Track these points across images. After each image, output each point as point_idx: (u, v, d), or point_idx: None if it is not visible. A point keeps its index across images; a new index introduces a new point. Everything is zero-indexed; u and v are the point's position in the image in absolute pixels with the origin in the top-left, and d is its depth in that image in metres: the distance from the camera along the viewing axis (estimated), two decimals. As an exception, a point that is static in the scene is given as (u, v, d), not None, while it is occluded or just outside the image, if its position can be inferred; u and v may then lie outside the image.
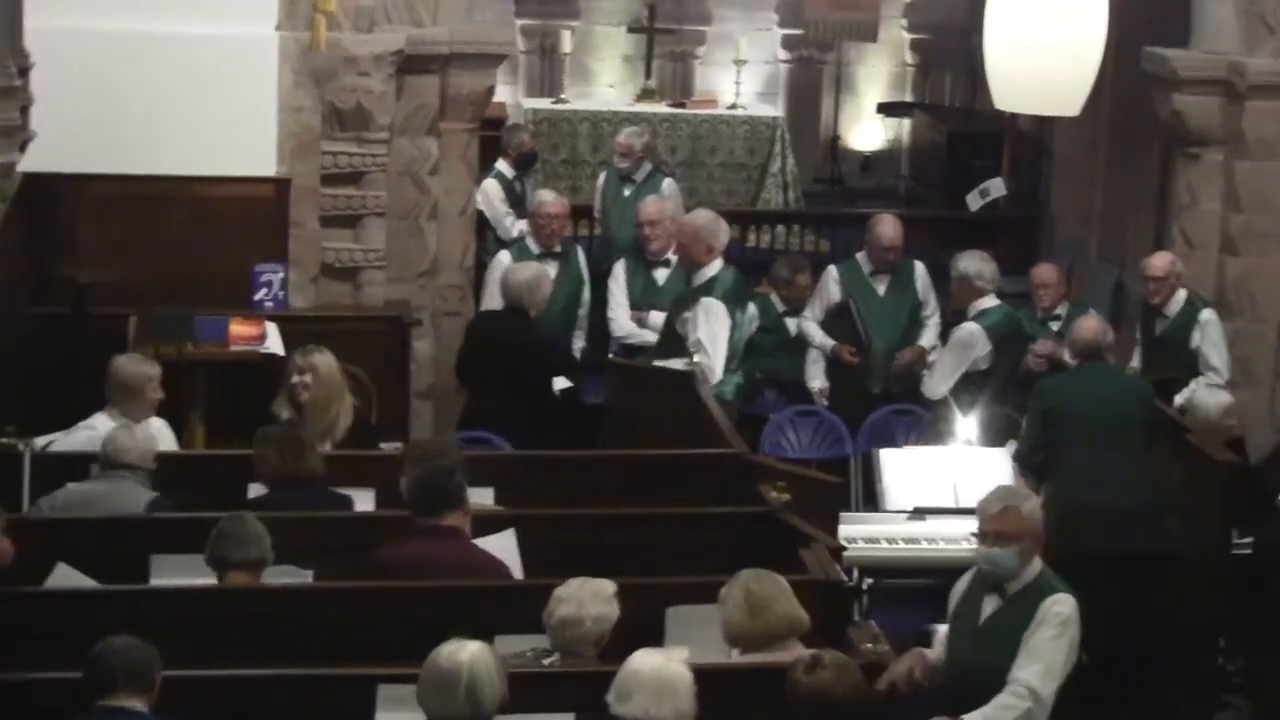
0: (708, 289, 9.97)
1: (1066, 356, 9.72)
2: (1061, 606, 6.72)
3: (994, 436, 9.84)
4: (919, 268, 10.88)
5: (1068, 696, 6.79)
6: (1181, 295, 10.47)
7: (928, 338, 10.87)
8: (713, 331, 9.84)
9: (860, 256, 11.06)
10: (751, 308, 10.43)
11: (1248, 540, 8.81)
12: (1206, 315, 10.39)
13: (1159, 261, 10.57)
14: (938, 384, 10.19)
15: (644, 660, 5.88)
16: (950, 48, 16.66)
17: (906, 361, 10.72)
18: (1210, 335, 10.35)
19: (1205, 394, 9.73)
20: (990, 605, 6.86)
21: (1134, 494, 8.77)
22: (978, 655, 6.81)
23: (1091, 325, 9.29)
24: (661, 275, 11.01)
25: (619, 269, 11.16)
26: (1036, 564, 6.84)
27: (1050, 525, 8.36)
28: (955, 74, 17.09)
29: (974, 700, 6.63)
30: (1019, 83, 8.02)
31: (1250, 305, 11.37)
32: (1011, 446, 9.52)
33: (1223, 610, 8.72)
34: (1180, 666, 8.84)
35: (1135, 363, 10.68)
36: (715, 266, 10.08)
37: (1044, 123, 14.24)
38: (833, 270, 11.15)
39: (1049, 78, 7.92)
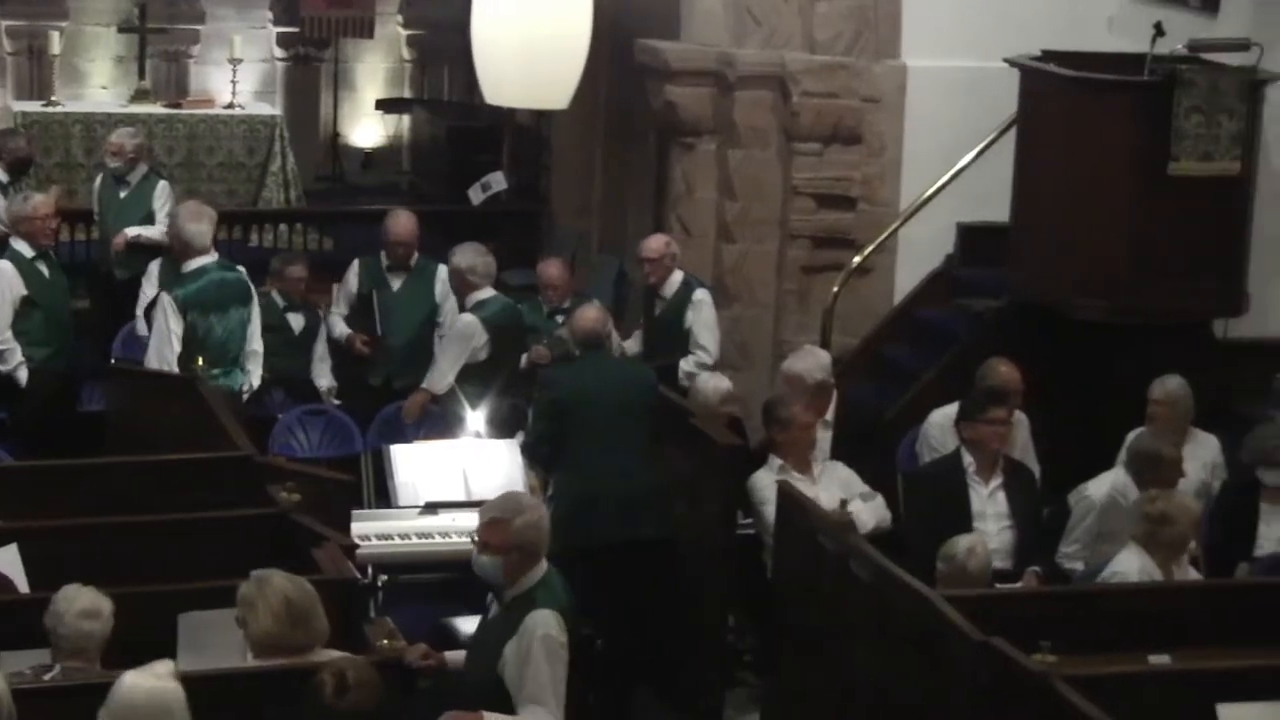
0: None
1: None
2: (542, 627, 6.59)
3: (502, 428, 9.90)
4: (442, 271, 10.83)
5: (586, 680, 6.86)
6: (678, 277, 10.70)
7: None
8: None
9: (385, 252, 11.06)
10: None
11: (750, 520, 9.04)
12: (699, 295, 10.64)
13: (653, 244, 10.81)
14: (440, 377, 10.19)
15: (134, 686, 5.61)
16: (447, 43, 16.68)
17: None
18: (701, 315, 10.58)
19: (706, 378, 9.93)
20: (495, 608, 6.86)
21: (640, 481, 8.89)
22: (475, 654, 6.84)
23: (591, 315, 9.34)
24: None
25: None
26: (536, 573, 6.72)
27: (560, 515, 8.53)
28: (453, 69, 17.15)
29: (473, 699, 6.60)
30: (507, 77, 8.04)
31: (748, 290, 11.67)
32: (520, 437, 9.59)
33: (730, 589, 8.91)
34: (693, 646, 9.02)
35: (637, 346, 10.89)
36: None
37: (542, 116, 14.40)
38: (355, 264, 11.15)
39: (536, 72, 7.96)
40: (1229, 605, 7.64)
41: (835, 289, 11.11)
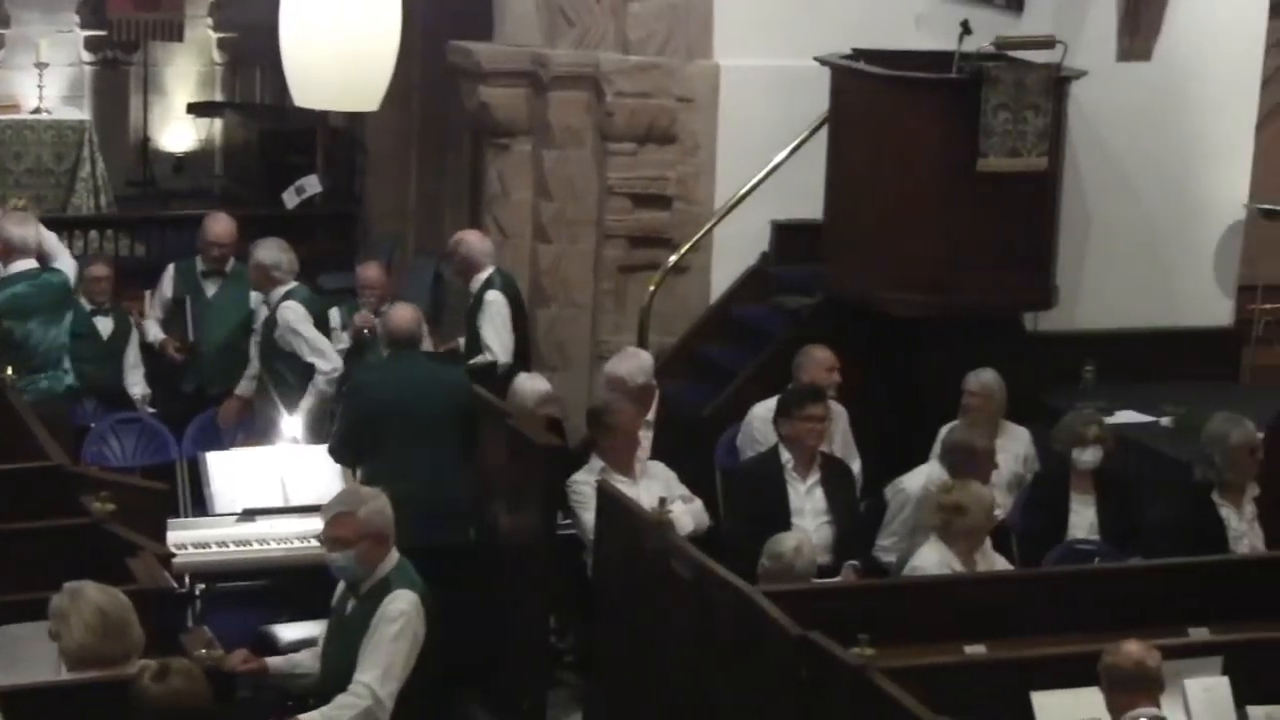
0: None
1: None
2: (399, 604, 6.76)
3: (319, 432, 9.83)
4: None
5: (416, 685, 6.87)
6: (483, 276, 10.58)
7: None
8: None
9: (201, 255, 10.94)
10: None
11: (570, 521, 9.05)
12: (490, 296, 10.49)
13: (463, 237, 10.72)
14: (320, 359, 10.06)
15: None
16: (259, 46, 16.45)
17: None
18: (488, 313, 10.41)
19: (523, 379, 9.91)
20: (350, 604, 6.93)
21: (446, 487, 8.83)
22: (334, 653, 6.87)
23: (405, 315, 9.27)
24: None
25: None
26: (390, 561, 6.89)
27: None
28: (265, 72, 16.99)
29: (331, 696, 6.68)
30: (316, 79, 7.98)
31: (565, 290, 11.67)
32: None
33: (551, 590, 8.91)
34: (515, 648, 9.01)
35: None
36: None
37: (356, 119, 14.33)
38: (170, 268, 11.05)
39: (345, 74, 7.90)
40: (1041, 594, 7.76)
41: (652, 288, 11.15)
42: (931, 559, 8.13)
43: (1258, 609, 7.65)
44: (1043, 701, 6.62)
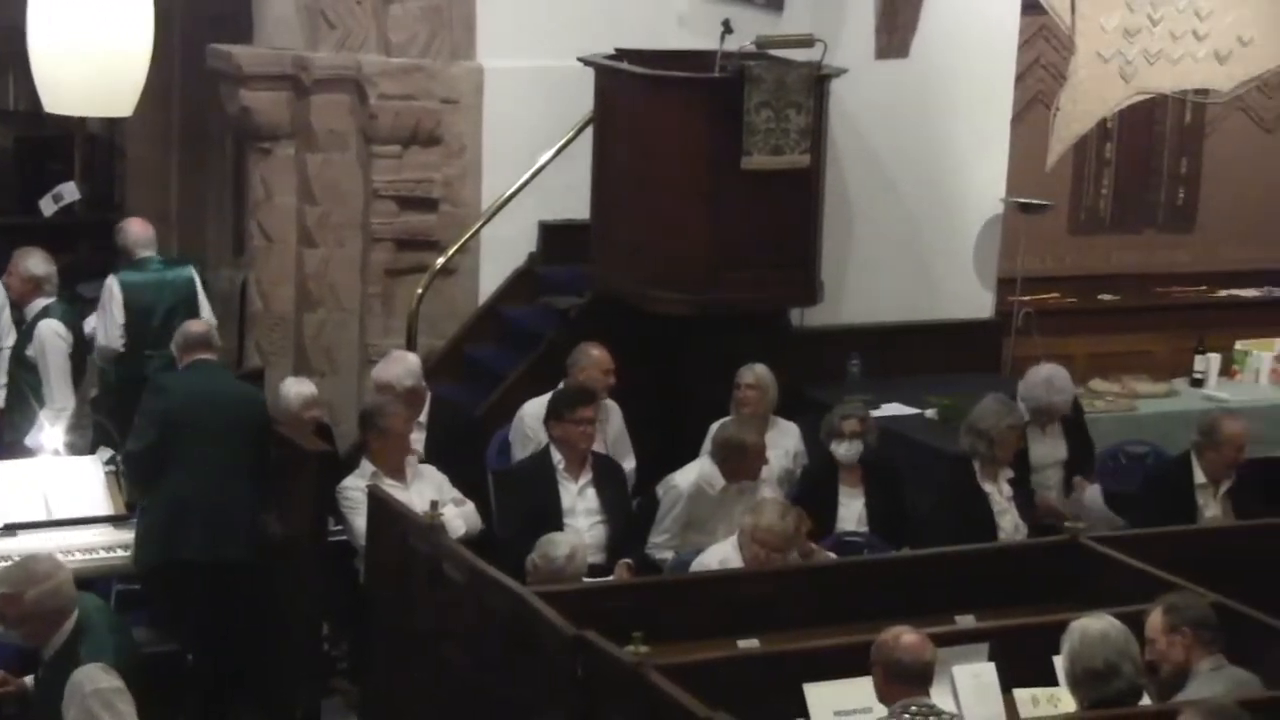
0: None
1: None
2: (88, 684, 6.49)
3: (84, 445, 9.66)
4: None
5: (182, 699, 6.77)
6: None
7: None
8: None
9: None
10: None
11: (340, 527, 8.98)
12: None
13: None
14: (54, 394, 9.89)
15: None
16: (10, 50, 16.12)
17: None
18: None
19: (290, 384, 9.81)
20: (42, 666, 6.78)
21: (233, 500, 8.69)
22: (37, 712, 6.74)
23: (200, 324, 9.29)
24: None
25: None
26: (69, 626, 6.68)
27: (150, 526, 8.40)
28: (18, 77, 16.60)
29: None
30: (66, 85, 7.82)
31: (331, 294, 11.57)
32: (104, 453, 9.36)
33: (323, 597, 8.83)
34: (287, 656, 8.92)
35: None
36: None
37: (114, 124, 14.09)
38: None
39: (96, 78, 7.75)
40: (812, 587, 7.85)
41: (420, 291, 11.09)
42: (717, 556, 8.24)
43: (1021, 595, 7.81)
44: (815, 693, 6.70)
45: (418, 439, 9.50)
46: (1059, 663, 6.61)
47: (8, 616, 6.64)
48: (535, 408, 9.68)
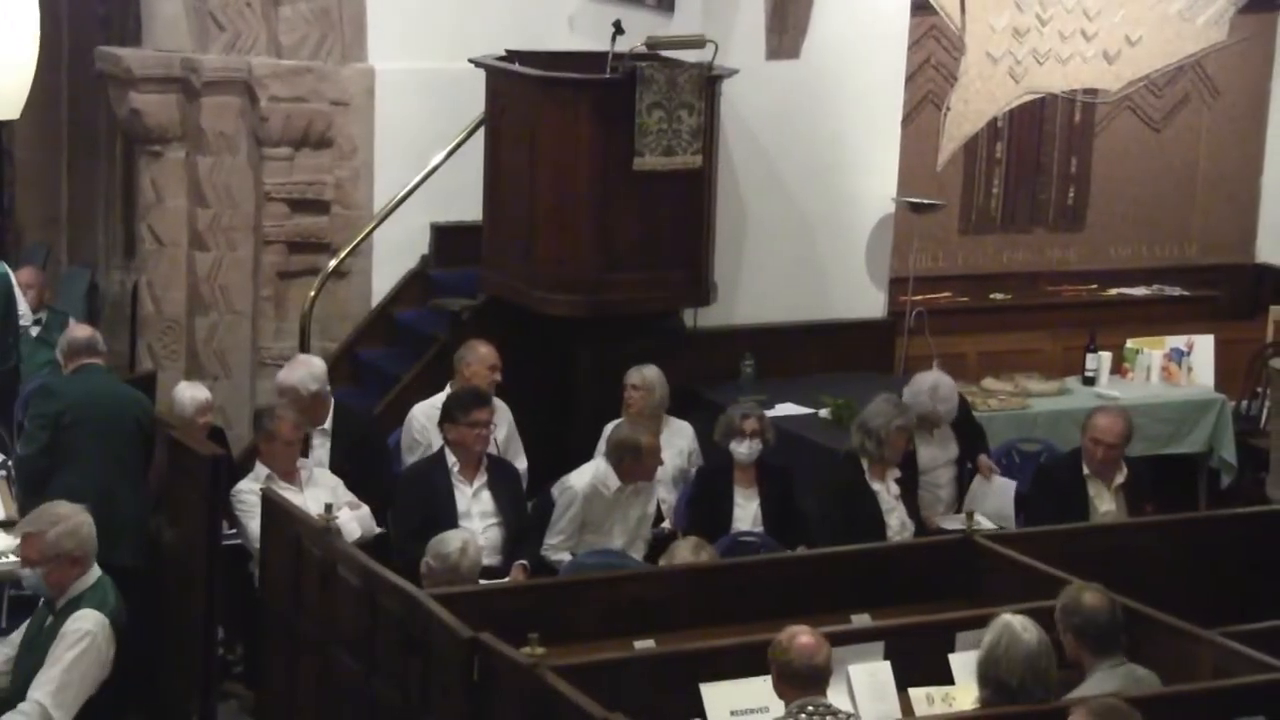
0: None
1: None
2: (83, 623, 6.83)
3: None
4: None
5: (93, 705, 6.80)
6: None
7: None
8: None
9: None
10: None
11: (234, 531, 8.93)
12: None
13: None
14: None
15: None
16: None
17: None
18: None
19: (183, 388, 9.75)
20: (48, 619, 6.99)
21: (125, 504, 8.66)
22: (24, 667, 6.90)
23: (84, 329, 9.30)
24: None
25: None
26: (88, 579, 7.01)
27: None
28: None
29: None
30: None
31: (224, 298, 11.51)
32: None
33: (216, 601, 8.77)
34: (180, 661, 8.85)
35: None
36: None
37: (1, 127, 13.94)
38: None
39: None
40: (708, 587, 7.86)
41: (312, 293, 11.04)
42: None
43: (915, 593, 7.86)
44: (711, 693, 6.71)
45: (323, 445, 9.48)
46: (955, 660, 6.64)
47: (30, 557, 6.93)
48: (425, 409, 9.67)
